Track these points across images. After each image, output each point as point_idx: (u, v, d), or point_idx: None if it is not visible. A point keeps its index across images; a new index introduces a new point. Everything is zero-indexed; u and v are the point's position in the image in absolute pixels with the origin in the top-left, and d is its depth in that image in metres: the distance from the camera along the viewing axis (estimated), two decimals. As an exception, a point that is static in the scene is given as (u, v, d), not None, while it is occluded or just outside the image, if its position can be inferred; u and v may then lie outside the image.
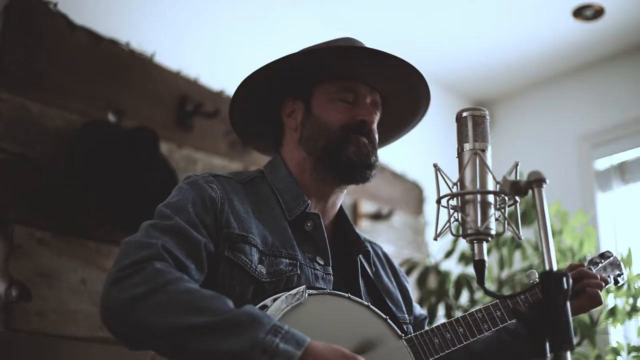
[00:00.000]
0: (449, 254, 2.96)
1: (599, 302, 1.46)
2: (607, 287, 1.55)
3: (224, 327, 1.09)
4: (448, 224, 1.14)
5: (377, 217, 3.37)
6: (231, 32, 3.00)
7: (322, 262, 1.40)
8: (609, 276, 1.57)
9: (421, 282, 2.92)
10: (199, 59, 2.77)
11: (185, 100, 2.60)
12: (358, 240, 1.53)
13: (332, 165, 1.46)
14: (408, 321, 1.52)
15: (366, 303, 1.32)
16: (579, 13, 3.36)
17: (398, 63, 1.47)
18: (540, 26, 3.53)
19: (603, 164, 3.76)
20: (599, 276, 1.50)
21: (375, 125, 1.51)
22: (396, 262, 1.71)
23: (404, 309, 1.54)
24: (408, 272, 2.92)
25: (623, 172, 3.70)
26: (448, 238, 2.94)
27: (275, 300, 1.22)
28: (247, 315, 1.10)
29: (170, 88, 2.59)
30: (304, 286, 1.25)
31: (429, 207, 3.77)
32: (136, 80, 2.49)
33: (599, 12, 3.35)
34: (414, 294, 2.91)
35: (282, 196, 1.45)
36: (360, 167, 1.46)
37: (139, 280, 1.15)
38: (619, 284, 1.60)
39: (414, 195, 3.71)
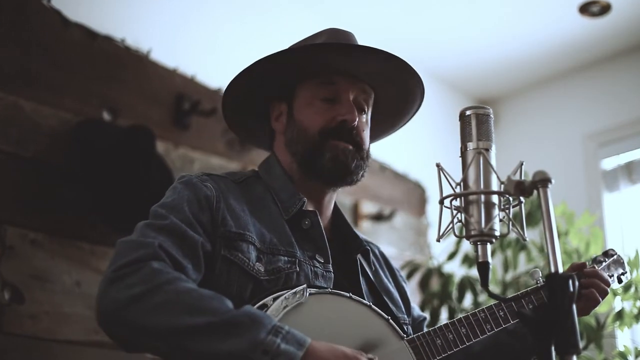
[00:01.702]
0: (452, 256, 2.96)
1: (596, 302, 1.46)
2: (610, 286, 1.55)
3: (224, 328, 1.09)
4: (451, 225, 1.13)
5: (378, 218, 3.37)
6: (229, 28, 3.00)
7: (321, 260, 1.39)
8: (612, 275, 1.57)
9: (424, 284, 2.91)
10: (196, 56, 2.77)
11: (182, 98, 2.60)
12: (357, 239, 1.54)
13: (311, 172, 1.46)
14: (408, 322, 1.53)
15: (368, 303, 1.32)
16: (585, 9, 3.36)
17: (381, 56, 1.44)
18: (545, 22, 3.53)
19: (610, 163, 3.76)
20: (603, 276, 1.50)
21: (360, 121, 1.47)
22: (395, 263, 1.71)
23: (403, 309, 1.55)
24: (410, 275, 2.92)
25: (630, 171, 3.70)
26: (451, 239, 2.94)
27: (275, 299, 1.22)
28: (247, 316, 1.11)
29: (166, 86, 2.59)
30: (305, 285, 1.25)
31: (432, 207, 3.77)
32: (132, 77, 2.49)
33: (605, 8, 3.35)
34: (415, 297, 2.92)
35: (278, 195, 1.46)
36: (339, 175, 1.45)
37: (136, 280, 1.15)
38: (622, 283, 1.61)
39: (416, 196, 3.71)
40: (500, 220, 1.11)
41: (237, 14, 3.04)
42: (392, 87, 1.54)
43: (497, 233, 1.10)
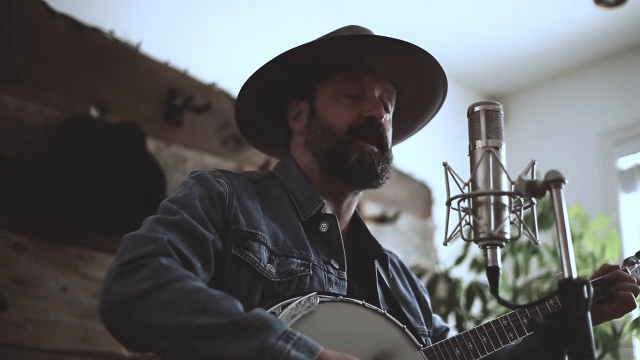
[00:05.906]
0: (459, 260, 2.96)
1: (632, 305, 1.48)
2: None
3: (232, 330, 1.09)
4: (459, 228, 1.13)
5: (381, 220, 3.37)
6: (223, 19, 3.00)
7: (336, 266, 1.41)
8: None
9: (430, 290, 2.92)
10: (188, 48, 2.77)
11: (174, 93, 2.60)
12: (374, 244, 1.54)
13: (335, 171, 1.47)
14: (427, 333, 1.53)
15: (382, 311, 1.32)
16: (601, -1, 3.36)
17: (406, 48, 1.47)
18: (558, 13, 3.53)
19: (626, 162, 3.76)
20: (635, 279, 1.51)
21: (386, 120, 1.50)
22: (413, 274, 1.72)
23: (423, 320, 1.55)
24: (415, 280, 2.92)
25: (648, 171, 3.70)
26: (459, 243, 2.94)
27: (284, 307, 1.22)
28: (258, 319, 1.11)
29: (157, 80, 2.59)
30: (315, 292, 1.25)
31: (438, 209, 3.77)
32: (121, 72, 2.49)
33: (622, -2, 3.35)
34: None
35: (295, 196, 1.47)
36: (364, 177, 1.47)
37: (143, 275, 1.15)
38: None
39: (421, 197, 3.71)
40: (511, 223, 1.11)
41: (232, 5, 3.04)
42: (414, 85, 1.56)
43: (508, 236, 1.09)
